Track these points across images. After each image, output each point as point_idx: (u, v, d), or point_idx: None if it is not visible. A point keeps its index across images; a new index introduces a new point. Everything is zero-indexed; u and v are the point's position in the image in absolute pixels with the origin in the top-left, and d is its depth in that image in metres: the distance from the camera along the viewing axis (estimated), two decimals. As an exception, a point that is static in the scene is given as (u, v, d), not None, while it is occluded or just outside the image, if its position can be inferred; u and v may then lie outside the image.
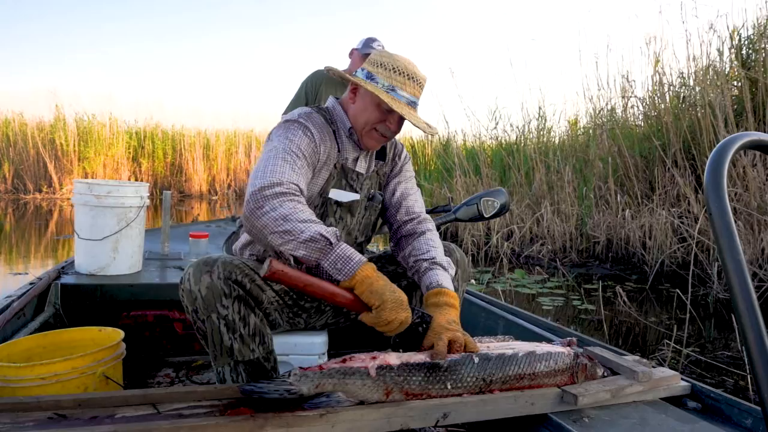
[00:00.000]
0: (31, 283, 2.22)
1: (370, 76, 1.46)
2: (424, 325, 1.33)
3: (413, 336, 1.33)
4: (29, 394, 1.34)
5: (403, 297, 1.27)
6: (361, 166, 1.59)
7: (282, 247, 1.24)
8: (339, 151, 1.52)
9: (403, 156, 1.70)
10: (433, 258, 1.49)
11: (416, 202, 1.66)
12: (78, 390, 1.47)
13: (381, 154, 1.65)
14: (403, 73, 1.45)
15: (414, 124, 1.46)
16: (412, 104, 1.47)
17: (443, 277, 1.44)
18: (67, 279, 2.33)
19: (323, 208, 1.51)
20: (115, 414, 1.08)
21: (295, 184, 1.31)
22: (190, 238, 3.05)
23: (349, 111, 1.53)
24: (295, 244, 1.22)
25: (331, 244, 1.24)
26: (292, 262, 1.31)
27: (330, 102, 1.59)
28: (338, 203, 1.53)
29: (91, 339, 1.74)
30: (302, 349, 1.64)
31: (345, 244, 1.27)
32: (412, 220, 1.60)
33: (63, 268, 2.54)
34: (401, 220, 1.61)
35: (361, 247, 1.67)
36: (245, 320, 1.34)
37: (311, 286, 1.25)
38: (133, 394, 1.15)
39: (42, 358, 1.61)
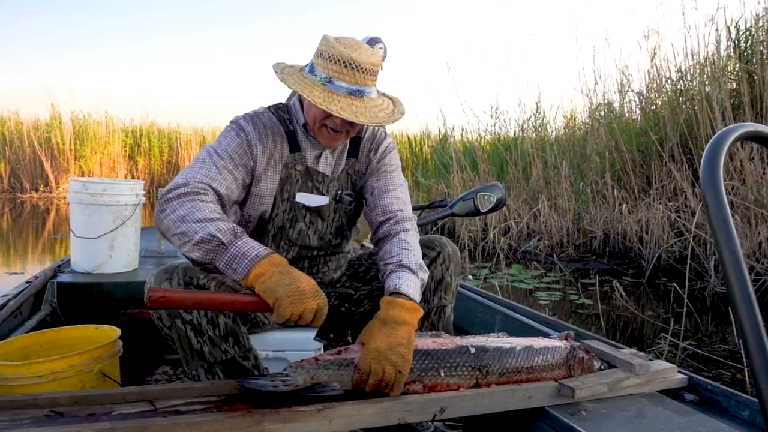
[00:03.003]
0: (27, 282, 2.21)
1: (311, 69, 1.35)
2: (347, 305, 1.23)
3: (336, 318, 1.23)
4: (26, 392, 1.34)
5: (305, 285, 1.14)
6: (326, 165, 1.51)
7: (182, 249, 1.21)
8: (297, 150, 1.46)
9: (380, 150, 1.56)
10: (400, 261, 1.34)
11: (395, 200, 1.50)
12: (75, 388, 1.46)
13: (353, 150, 1.55)
14: (338, 61, 1.29)
15: (347, 119, 1.29)
16: (356, 93, 1.31)
17: (404, 281, 1.28)
18: (64, 277, 2.33)
19: (292, 212, 1.47)
20: (113, 411, 1.08)
21: (202, 183, 1.27)
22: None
23: (304, 107, 1.45)
24: (190, 246, 1.18)
25: (223, 243, 1.16)
26: (192, 262, 1.30)
27: (293, 98, 1.52)
28: (307, 208, 1.48)
29: (87, 337, 1.74)
30: (298, 345, 1.64)
31: (243, 241, 1.17)
32: (388, 221, 1.47)
33: (59, 266, 2.53)
34: (377, 221, 1.49)
35: (339, 248, 1.61)
36: (214, 322, 1.31)
37: (202, 302, 1.17)
38: (130, 391, 1.14)
39: (39, 356, 1.60)
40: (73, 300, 2.25)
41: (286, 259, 1.49)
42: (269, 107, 1.50)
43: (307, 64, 1.39)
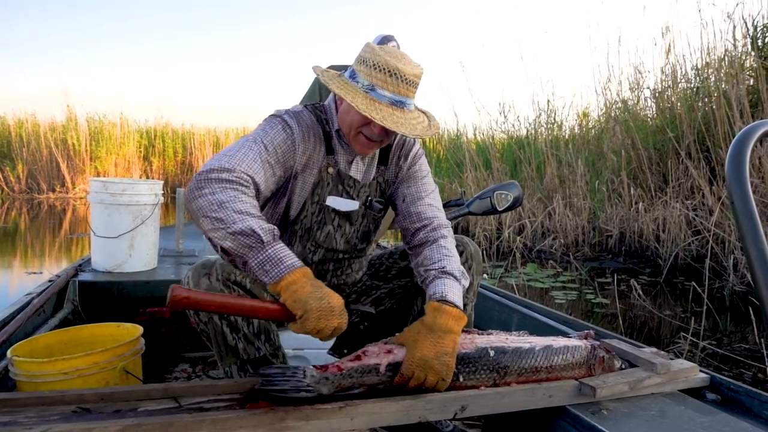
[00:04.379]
0: (50, 281, 2.25)
1: (352, 75, 1.33)
2: (366, 323, 1.22)
3: (353, 335, 1.23)
4: (51, 389, 1.36)
5: (335, 303, 1.15)
6: (357, 171, 1.50)
7: (210, 233, 1.16)
8: (332, 153, 1.44)
9: (411, 156, 1.55)
10: (443, 267, 1.35)
11: (429, 207, 1.51)
12: (99, 384, 1.49)
13: (383, 158, 1.54)
14: (384, 69, 1.27)
15: (390, 128, 1.27)
16: (398, 104, 1.30)
17: (449, 288, 1.29)
18: (85, 276, 2.36)
19: (321, 215, 1.47)
20: (138, 407, 1.09)
21: (247, 175, 1.23)
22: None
23: (338, 113, 1.43)
24: (223, 234, 1.13)
25: (262, 242, 1.13)
26: (218, 250, 1.20)
27: (328, 99, 1.49)
28: (336, 211, 1.47)
29: (110, 335, 1.77)
30: (315, 343, 1.63)
31: (281, 246, 1.16)
32: (424, 228, 1.47)
33: (80, 265, 2.57)
34: (412, 228, 1.49)
35: (363, 252, 1.62)
36: (248, 319, 1.32)
37: (227, 307, 1.14)
38: (154, 387, 1.16)
39: (63, 353, 1.63)
40: (94, 298, 2.28)
41: (313, 261, 1.51)
42: (306, 106, 1.47)
43: (347, 70, 1.38)
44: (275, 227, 1.18)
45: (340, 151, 1.46)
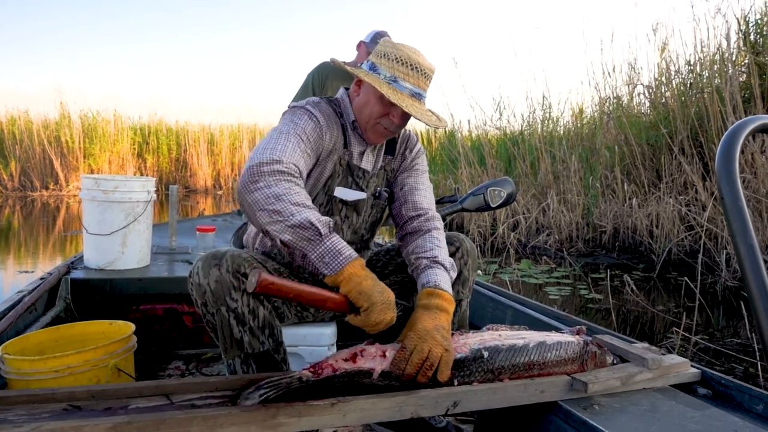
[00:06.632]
0: (41, 278, 2.23)
1: (373, 68, 1.41)
2: (401, 313, 1.27)
3: (392, 328, 1.26)
4: (43, 387, 1.35)
5: (391, 297, 1.22)
6: (368, 162, 1.55)
7: (268, 226, 1.18)
8: (347, 146, 1.49)
9: (414, 150, 1.64)
10: (435, 257, 1.41)
11: (425, 198, 1.59)
12: (91, 382, 1.48)
13: (390, 149, 1.61)
14: (406, 63, 1.38)
15: (416, 117, 1.37)
16: (417, 96, 1.40)
17: (441, 278, 1.36)
18: (77, 274, 2.35)
19: (328, 206, 1.50)
20: (129, 405, 1.09)
21: (295, 165, 1.27)
22: (197, 232, 3.07)
23: (354, 104, 1.49)
24: (282, 227, 1.16)
25: (320, 234, 1.17)
26: (278, 243, 1.23)
27: (340, 93, 1.56)
28: (344, 202, 1.51)
29: (102, 332, 1.76)
30: (311, 340, 1.65)
31: (336, 237, 1.20)
32: (418, 217, 1.54)
33: (72, 263, 2.56)
34: (407, 215, 1.55)
35: (368, 244, 1.66)
36: (254, 313, 1.33)
37: (302, 295, 1.18)
38: (146, 385, 1.15)
39: (54, 351, 1.62)
40: (87, 296, 2.27)
41: None
42: (322, 98, 1.51)
43: (363, 64, 1.44)
44: (330, 219, 1.22)
45: (354, 143, 1.52)
